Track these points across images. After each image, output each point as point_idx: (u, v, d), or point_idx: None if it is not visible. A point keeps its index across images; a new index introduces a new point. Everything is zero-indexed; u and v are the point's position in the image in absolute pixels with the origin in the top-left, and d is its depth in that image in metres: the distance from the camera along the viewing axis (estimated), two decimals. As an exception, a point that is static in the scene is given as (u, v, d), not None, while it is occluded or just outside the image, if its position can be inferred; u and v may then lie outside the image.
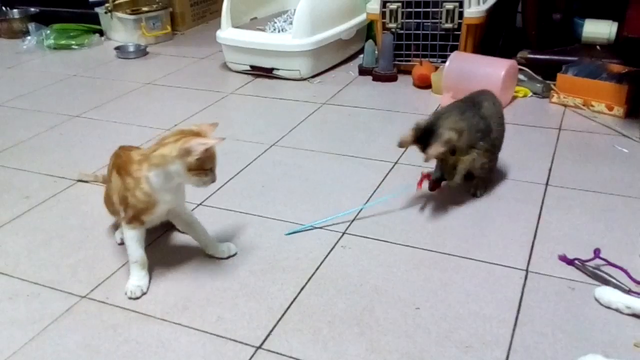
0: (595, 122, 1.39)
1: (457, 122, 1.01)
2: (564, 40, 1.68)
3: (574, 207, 1.05)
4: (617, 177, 1.14)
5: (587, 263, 0.88)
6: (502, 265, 0.91)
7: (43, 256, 0.99)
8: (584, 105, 1.46)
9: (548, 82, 1.55)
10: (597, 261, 0.88)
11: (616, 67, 1.49)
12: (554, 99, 1.51)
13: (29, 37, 2.27)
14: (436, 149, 0.98)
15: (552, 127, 1.38)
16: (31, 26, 2.33)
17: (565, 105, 1.48)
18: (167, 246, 1.00)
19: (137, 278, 0.89)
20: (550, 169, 1.19)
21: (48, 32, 2.25)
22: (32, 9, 2.47)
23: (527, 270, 0.89)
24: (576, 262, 0.89)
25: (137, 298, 0.88)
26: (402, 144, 1.05)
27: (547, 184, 1.14)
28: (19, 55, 2.19)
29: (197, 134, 0.86)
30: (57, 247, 1.01)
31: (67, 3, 2.42)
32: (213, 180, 0.88)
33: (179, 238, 1.02)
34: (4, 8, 2.51)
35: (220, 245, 0.97)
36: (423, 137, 1.01)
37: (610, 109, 1.42)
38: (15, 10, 2.50)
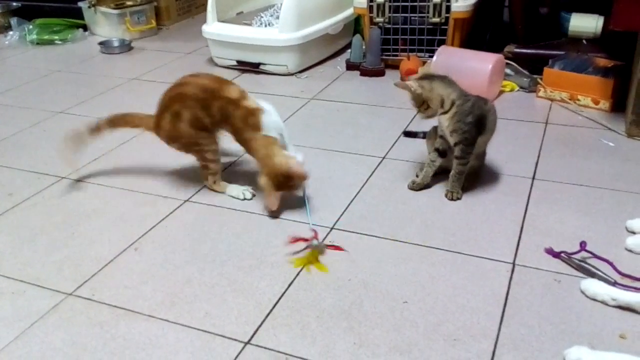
0: (582, 116, 1.41)
1: (445, 88, 1.06)
2: (551, 35, 1.69)
3: (561, 200, 1.06)
4: (603, 171, 1.16)
5: (573, 256, 0.89)
6: (489, 259, 0.91)
7: (28, 254, 0.98)
8: (570, 99, 1.47)
9: (535, 76, 1.56)
10: (583, 254, 0.89)
11: (602, 61, 1.50)
12: (541, 93, 1.52)
13: (11, 32, 2.22)
14: (406, 83, 1.06)
15: (539, 121, 1.39)
16: (13, 21, 2.28)
17: (551, 100, 1.49)
18: (155, 242, 0.99)
19: None
20: (536, 163, 1.20)
21: (31, 27, 2.21)
22: (15, 3, 2.42)
23: (514, 264, 0.90)
24: (562, 255, 0.90)
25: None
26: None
27: (533, 177, 1.15)
28: (1, 51, 2.15)
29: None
30: (42, 245, 1.00)
31: (50, -3, 2.38)
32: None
33: (167, 234, 1.01)
34: (-16, 3, 2.47)
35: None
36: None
37: (596, 102, 1.43)
38: (-4, 6, 2.46)
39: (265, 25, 1.92)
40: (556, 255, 0.90)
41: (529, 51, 1.63)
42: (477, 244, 0.95)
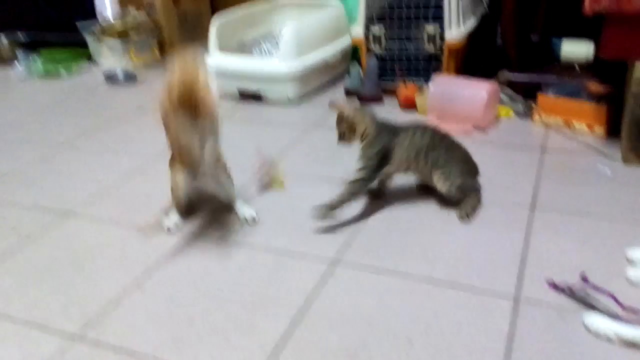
0: (577, 141, 1.41)
1: (369, 116, 1.14)
2: (544, 60, 1.70)
3: (560, 230, 1.05)
4: (601, 199, 1.15)
5: (575, 288, 0.88)
6: (491, 293, 0.90)
7: (34, 294, 0.96)
8: (565, 124, 1.47)
9: (529, 101, 1.57)
10: (585, 286, 0.87)
11: (595, 87, 1.50)
12: (536, 119, 1.52)
13: (17, 64, 2.24)
14: (342, 105, 1.16)
15: (535, 148, 1.39)
16: (19, 53, 2.31)
17: (547, 125, 1.50)
18: (159, 280, 0.98)
19: None
20: (535, 192, 1.19)
21: (37, 58, 2.23)
22: (21, 35, 2.45)
23: (516, 298, 0.89)
24: (564, 287, 0.89)
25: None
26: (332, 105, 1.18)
27: (532, 207, 1.14)
28: (8, 83, 2.17)
29: None
30: (48, 285, 0.98)
31: (56, 28, 2.41)
32: None
33: (171, 271, 1.00)
34: (-9, 35, 2.49)
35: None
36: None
37: (591, 128, 1.43)
38: (3, 38, 2.47)
39: (266, 54, 1.94)
40: (558, 288, 0.89)
41: (522, 77, 1.64)
42: (480, 277, 0.94)
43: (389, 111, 1.68)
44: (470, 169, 1.16)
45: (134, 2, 2.33)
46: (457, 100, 1.51)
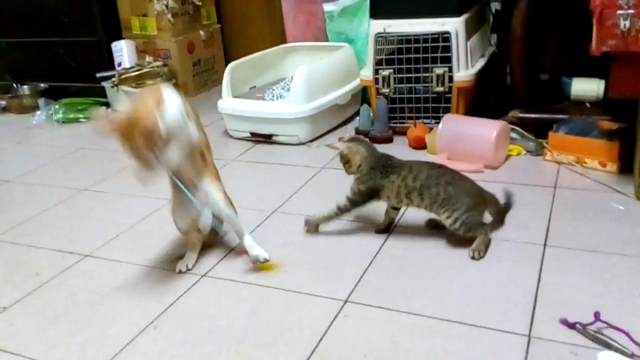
0: (590, 179, 1.46)
1: (363, 152, 1.25)
2: (554, 99, 1.78)
3: (573, 267, 1.09)
4: (614, 236, 1.19)
5: (589, 326, 0.91)
6: (504, 331, 0.94)
7: (52, 334, 1.03)
8: (577, 162, 1.53)
9: (540, 140, 1.64)
10: (599, 324, 0.91)
11: (607, 124, 1.57)
12: (548, 157, 1.58)
13: (38, 112, 2.43)
14: (336, 144, 1.27)
15: (548, 185, 1.45)
16: (40, 101, 2.51)
17: (559, 163, 1.56)
18: (174, 320, 1.04)
19: None
20: (547, 229, 1.24)
21: (57, 106, 2.42)
22: (42, 85, 2.66)
23: (529, 336, 0.92)
24: (577, 325, 0.92)
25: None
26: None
27: (545, 244, 1.18)
28: (29, 130, 2.34)
29: None
30: (66, 325, 1.05)
31: (75, 78, 2.62)
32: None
33: (185, 311, 1.06)
34: (14, 85, 2.71)
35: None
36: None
37: (604, 165, 1.49)
38: (25, 87, 2.70)
39: (277, 98, 2.07)
40: (571, 326, 0.92)
41: (533, 116, 1.72)
42: (492, 315, 0.98)
43: (399, 151, 1.77)
44: (476, 203, 1.19)
45: (151, 51, 2.53)
46: (467, 140, 1.59)
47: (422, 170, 1.20)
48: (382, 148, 1.85)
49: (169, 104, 1.00)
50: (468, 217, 1.16)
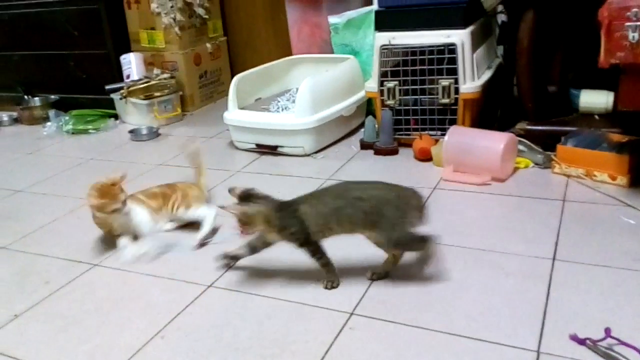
0: (599, 192, 1.45)
1: (265, 210, 1.10)
2: (562, 111, 1.78)
3: (583, 282, 1.08)
4: (625, 250, 1.18)
5: (599, 343, 0.90)
6: (513, 347, 0.93)
7: (62, 343, 1.04)
8: (586, 175, 1.52)
9: (548, 153, 1.63)
10: (609, 340, 0.89)
11: (616, 137, 1.56)
12: (556, 169, 1.58)
13: (49, 123, 2.47)
14: (230, 207, 1.11)
15: (556, 199, 1.44)
16: (51, 113, 2.55)
17: (567, 176, 1.55)
18: (180, 330, 1.04)
19: None
20: (556, 243, 1.23)
21: (67, 118, 2.46)
22: (52, 97, 2.71)
23: (538, 352, 0.91)
24: (588, 341, 0.91)
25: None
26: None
27: (554, 258, 1.18)
28: (39, 141, 2.38)
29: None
30: (75, 333, 1.06)
31: (85, 90, 2.66)
32: None
33: (192, 321, 1.06)
34: (26, 96, 2.76)
35: None
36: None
37: (613, 178, 1.48)
38: (36, 98, 2.75)
39: (282, 110, 2.09)
40: (581, 342, 0.91)
41: (541, 128, 1.71)
42: (500, 330, 0.97)
43: (405, 163, 1.78)
44: (403, 216, 1.05)
45: (159, 63, 2.57)
46: (473, 152, 1.59)
47: (326, 192, 1.13)
48: (387, 160, 1.91)
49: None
50: (400, 236, 1.05)
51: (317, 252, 1.12)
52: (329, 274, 1.14)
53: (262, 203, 1.12)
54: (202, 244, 1.35)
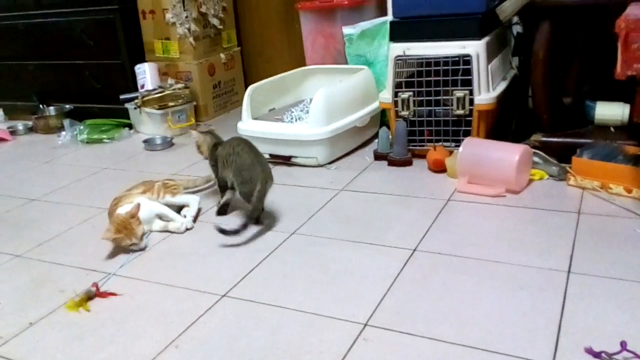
0: (615, 205, 1.46)
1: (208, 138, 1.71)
2: (577, 123, 1.80)
3: (599, 295, 1.10)
4: (641, 263, 1.19)
5: (615, 356, 0.91)
6: (527, 359, 0.94)
7: (77, 351, 1.08)
8: (601, 187, 1.54)
9: (563, 165, 1.65)
10: (625, 354, 0.91)
11: (632, 149, 1.58)
12: (571, 182, 1.59)
13: (63, 133, 2.55)
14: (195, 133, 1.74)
15: (571, 211, 1.46)
16: (66, 122, 2.63)
17: (582, 188, 1.57)
18: (194, 339, 1.07)
19: None
20: (571, 256, 1.25)
21: (81, 127, 2.54)
22: (67, 106, 2.80)
23: (553, 364, 0.93)
24: (603, 355, 0.92)
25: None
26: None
27: (569, 271, 1.19)
28: (55, 150, 2.46)
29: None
30: (89, 342, 1.10)
31: (100, 100, 2.75)
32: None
33: (206, 331, 1.10)
34: (41, 106, 2.85)
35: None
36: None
37: (629, 191, 1.49)
38: (51, 108, 2.84)
39: (296, 120, 2.14)
40: (597, 355, 0.92)
41: (556, 140, 1.73)
42: (515, 342, 0.99)
43: (418, 174, 1.81)
44: (247, 178, 1.51)
45: (173, 73, 2.65)
46: (488, 163, 1.61)
47: (228, 143, 1.60)
48: (401, 171, 1.94)
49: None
50: (242, 189, 1.52)
51: (216, 175, 1.67)
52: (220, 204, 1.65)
53: (210, 138, 1.70)
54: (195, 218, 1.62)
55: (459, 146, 1.69)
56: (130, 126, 2.61)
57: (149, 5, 2.61)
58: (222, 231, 1.42)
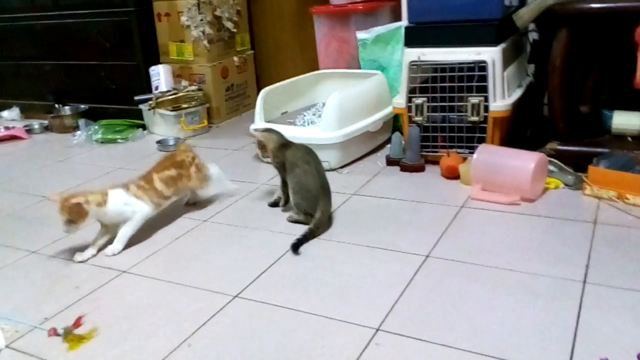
0: (632, 215, 1.46)
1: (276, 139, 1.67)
2: (594, 132, 1.79)
3: (615, 306, 1.09)
4: (658, 274, 1.19)
5: (631, 367, 0.91)
6: (541, 368, 0.95)
7: (91, 346, 1.10)
8: (618, 198, 1.53)
9: (579, 174, 1.64)
10: (642, 365, 0.91)
11: (649, 159, 1.58)
12: (587, 192, 1.59)
13: (78, 132, 2.59)
14: (254, 133, 1.71)
15: (587, 221, 1.45)
16: (81, 122, 2.68)
17: (599, 198, 1.56)
18: (207, 338, 1.09)
19: None
20: (587, 266, 1.24)
21: (96, 127, 2.58)
22: (82, 106, 2.85)
23: (568, 374, 0.93)
24: (619, 366, 0.92)
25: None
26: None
27: (584, 281, 1.19)
28: (70, 149, 2.50)
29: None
30: (104, 339, 1.12)
31: (114, 100, 2.79)
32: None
33: (218, 330, 1.11)
34: (56, 105, 2.91)
35: None
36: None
37: (647, 201, 1.48)
38: (67, 107, 2.89)
39: (308, 124, 2.16)
40: (613, 366, 0.92)
41: (572, 148, 1.73)
42: (529, 351, 0.98)
43: (431, 180, 1.81)
44: (309, 196, 1.54)
45: (186, 75, 2.68)
46: (503, 171, 1.61)
47: (298, 150, 1.61)
48: (413, 177, 1.95)
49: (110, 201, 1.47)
50: (297, 201, 1.56)
51: (281, 174, 1.67)
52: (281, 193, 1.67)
53: (276, 137, 1.66)
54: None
55: (472, 153, 1.70)
56: (143, 127, 2.65)
57: (164, 8, 2.65)
58: (295, 245, 1.42)
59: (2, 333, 1.14)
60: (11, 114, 3.12)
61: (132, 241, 1.51)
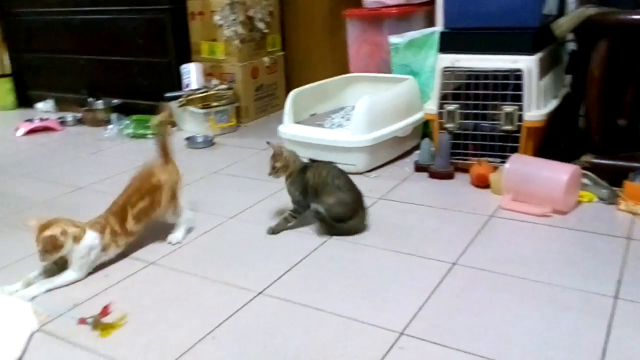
0: (669, 232, 1.44)
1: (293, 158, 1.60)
2: (631, 146, 1.76)
3: (647, 323, 1.08)
4: (696, 294, 1.16)
5: (663, 386, 0.90)
6: (568, 381, 0.94)
7: (118, 333, 1.15)
8: (655, 214, 1.51)
9: (614, 188, 1.62)
10: (675, 385, 0.90)
11: (689, 176, 1.55)
12: (622, 207, 1.57)
13: (110, 126, 2.69)
14: (278, 145, 1.61)
15: (620, 236, 1.43)
16: (113, 116, 2.77)
17: (634, 214, 1.54)
18: (230, 332, 1.12)
19: None
20: (619, 281, 1.23)
21: (128, 122, 2.67)
22: (115, 101, 2.95)
23: (596, 389, 0.92)
24: (650, 384, 0.91)
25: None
26: None
27: (616, 297, 1.18)
28: (101, 142, 2.60)
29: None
30: (132, 326, 1.17)
31: (146, 96, 2.88)
32: None
33: (242, 325, 1.14)
34: (90, 99, 3.02)
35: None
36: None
37: (685, 219, 1.46)
38: (99, 102, 2.99)
39: (336, 127, 2.18)
40: (644, 384, 0.91)
41: (607, 162, 1.71)
42: (555, 364, 0.99)
43: (460, 188, 1.81)
44: (345, 214, 1.50)
45: (217, 74, 2.75)
46: (535, 182, 1.60)
47: (321, 169, 1.54)
48: (442, 184, 1.95)
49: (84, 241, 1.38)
50: (333, 208, 1.50)
51: (297, 212, 1.58)
52: (283, 224, 1.58)
53: (297, 157, 1.60)
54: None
55: (504, 162, 1.69)
56: (173, 124, 2.72)
57: (198, 7, 2.73)
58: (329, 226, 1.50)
59: (35, 316, 1.20)
60: (46, 105, 3.25)
61: (159, 232, 1.56)
